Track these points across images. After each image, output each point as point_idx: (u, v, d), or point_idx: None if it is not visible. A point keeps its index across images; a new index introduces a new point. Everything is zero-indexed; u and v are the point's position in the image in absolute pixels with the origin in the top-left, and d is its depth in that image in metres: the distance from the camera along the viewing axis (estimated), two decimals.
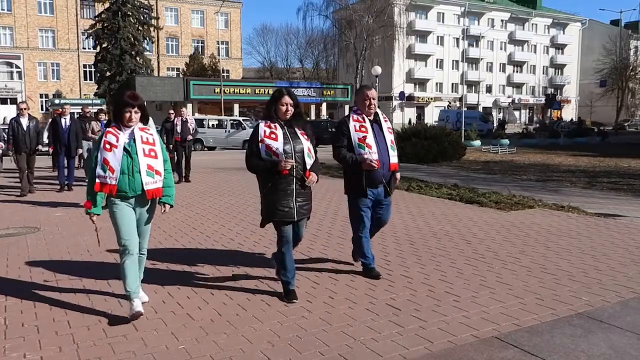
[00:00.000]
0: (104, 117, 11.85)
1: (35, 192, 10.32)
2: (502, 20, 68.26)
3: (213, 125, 27.79)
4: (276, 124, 4.12)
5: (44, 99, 52.19)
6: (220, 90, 42.02)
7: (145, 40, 46.08)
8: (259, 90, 47.55)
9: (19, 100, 50.16)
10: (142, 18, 44.50)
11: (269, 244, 6.16)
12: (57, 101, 42.21)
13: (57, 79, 54.03)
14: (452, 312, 3.99)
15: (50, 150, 11.01)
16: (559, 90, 69.21)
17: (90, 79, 52.49)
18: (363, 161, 4.62)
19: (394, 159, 4.80)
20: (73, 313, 3.99)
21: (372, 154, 4.64)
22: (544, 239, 6.36)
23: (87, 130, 11.54)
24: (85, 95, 51.29)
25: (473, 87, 64.67)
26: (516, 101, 69.42)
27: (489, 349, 3.31)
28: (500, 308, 4.04)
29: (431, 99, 63.25)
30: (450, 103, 60.02)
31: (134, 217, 3.91)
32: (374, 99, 4.75)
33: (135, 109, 3.83)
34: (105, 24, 43.26)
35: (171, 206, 4.09)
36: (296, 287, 4.35)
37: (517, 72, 70.46)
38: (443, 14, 64.41)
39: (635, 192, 10.52)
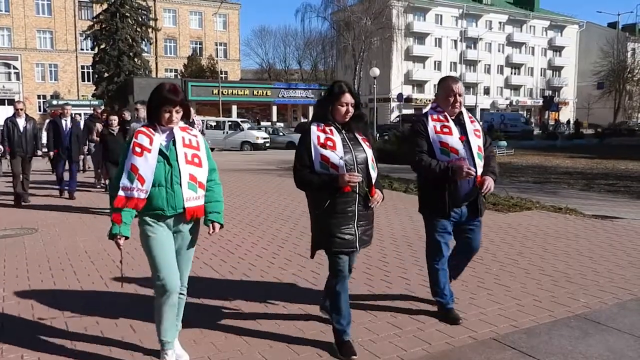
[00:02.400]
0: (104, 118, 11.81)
1: (29, 200, 9.33)
2: (500, 23, 68.40)
3: (211, 126, 27.79)
4: (332, 128, 3.27)
5: (41, 100, 52.10)
6: (219, 91, 42.04)
7: (144, 42, 46.14)
8: (257, 92, 47.60)
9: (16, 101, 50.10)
10: (140, 19, 44.54)
11: (267, 245, 6.15)
12: (55, 102, 42.13)
13: (55, 80, 53.97)
14: None
15: (52, 155, 10.14)
16: (556, 93, 69.36)
17: (88, 80, 52.43)
18: (459, 169, 3.54)
19: (481, 169, 3.71)
20: (70, 314, 3.98)
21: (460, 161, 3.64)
22: (541, 240, 6.37)
23: (93, 130, 11.35)
24: (83, 96, 51.22)
25: (471, 89, 64.76)
26: (514, 103, 69.55)
27: (487, 350, 3.31)
28: (498, 310, 4.04)
29: (429, 100, 63.22)
30: None
31: (173, 245, 3.08)
32: (460, 94, 3.74)
33: (177, 107, 2.99)
34: (104, 25, 43.29)
35: (221, 225, 3.21)
36: (322, 313, 3.76)
37: (515, 74, 70.61)
38: (441, 15, 64.54)
39: (633, 194, 10.54)
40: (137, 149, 2.96)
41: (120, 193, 2.94)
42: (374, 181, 3.29)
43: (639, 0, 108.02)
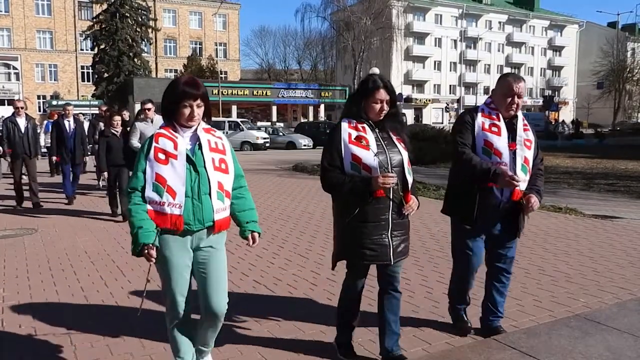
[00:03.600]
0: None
1: (43, 205, 8.83)
2: (499, 22, 68.44)
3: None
4: (364, 125, 2.96)
5: (41, 101, 52.09)
6: (218, 91, 42.03)
7: (143, 42, 46.08)
8: (257, 92, 47.58)
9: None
10: (140, 19, 44.50)
11: (267, 245, 6.15)
12: (54, 102, 42.15)
13: (54, 80, 53.96)
14: None
15: (55, 160, 9.59)
16: (556, 92, 69.40)
17: (88, 81, 52.41)
18: (503, 174, 3.17)
19: (523, 184, 3.28)
20: (70, 314, 3.99)
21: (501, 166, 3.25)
22: (541, 240, 6.37)
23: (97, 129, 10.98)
24: (83, 96, 51.22)
25: (471, 89, 64.82)
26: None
27: (487, 350, 3.31)
28: None
29: (429, 100, 63.36)
30: (448, 105, 60.12)
31: (190, 266, 2.74)
32: (519, 96, 3.31)
33: (198, 100, 2.60)
34: (103, 26, 43.25)
35: (259, 234, 2.92)
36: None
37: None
38: (441, 15, 64.56)
39: (633, 194, 10.54)
40: (161, 155, 2.56)
41: (149, 207, 2.58)
42: (409, 186, 2.99)
43: (639, 0, 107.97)
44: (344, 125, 2.96)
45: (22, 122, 8.79)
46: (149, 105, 7.68)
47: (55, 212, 8.36)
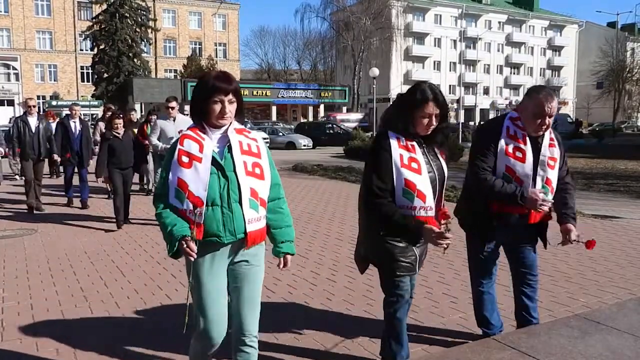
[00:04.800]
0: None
1: (44, 209, 8.53)
2: (499, 22, 68.49)
3: None
4: (414, 144, 2.69)
5: (41, 101, 52.03)
6: None
7: (143, 42, 46.08)
8: (257, 92, 47.58)
9: (16, 102, 50.09)
10: (139, 20, 44.51)
11: (267, 245, 6.14)
12: (54, 103, 42.13)
13: (54, 80, 53.93)
14: (450, 313, 4.00)
15: (59, 159, 9.03)
16: (556, 92, 69.16)
17: (88, 81, 52.39)
18: (533, 196, 2.96)
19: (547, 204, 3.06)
20: (70, 314, 3.99)
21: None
22: None
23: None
24: (82, 97, 51.17)
25: (470, 89, 64.80)
26: (513, 103, 69.49)
27: (486, 350, 3.31)
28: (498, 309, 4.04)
29: None
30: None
31: (225, 283, 2.45)
32: (550, 116, 2.97)
33: (230, 96, 2.33)
34: (103, 26, 43.26)
35: (292, 255, 2.62)
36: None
37: (514, 74, 70.68)
38: (440, 15, 64.62)
39: (632, 193, 10.55)
40: (184, 159, 2.31)
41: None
42: (442, 201, 2.84)
43: (638, 0, 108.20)
44: (394, 144, 2.65)
45: (33, 121, 8.53)
46: (173, 104, 7.51)
47: (55, 213, 8.35)
